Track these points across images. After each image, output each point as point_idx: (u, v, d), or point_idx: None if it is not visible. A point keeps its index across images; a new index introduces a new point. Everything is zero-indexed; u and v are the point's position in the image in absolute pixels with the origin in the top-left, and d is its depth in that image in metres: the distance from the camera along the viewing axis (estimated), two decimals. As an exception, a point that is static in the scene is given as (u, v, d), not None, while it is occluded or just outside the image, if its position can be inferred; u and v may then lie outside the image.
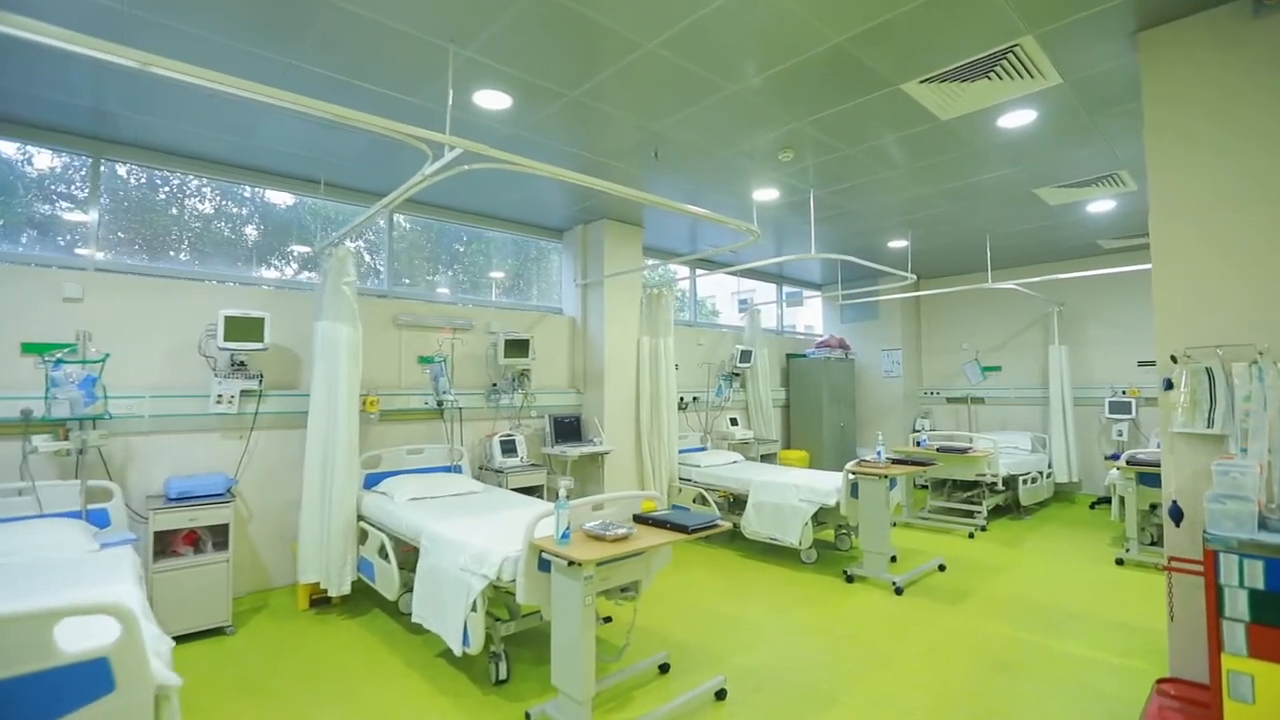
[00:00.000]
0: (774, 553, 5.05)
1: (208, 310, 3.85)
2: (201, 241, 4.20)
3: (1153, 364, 7.12)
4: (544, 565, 2.55)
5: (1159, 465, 4.93)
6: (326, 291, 3.85)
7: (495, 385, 5.12)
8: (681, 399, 6.46)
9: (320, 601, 3.92)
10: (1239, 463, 2.16)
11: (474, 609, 2.70)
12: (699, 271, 7.25)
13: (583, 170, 4.25)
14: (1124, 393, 6.94)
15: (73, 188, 3.76)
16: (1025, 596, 4.03)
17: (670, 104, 3.35)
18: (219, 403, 3.76)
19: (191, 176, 4.14)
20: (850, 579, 4.36)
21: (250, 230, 4.41)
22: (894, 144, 3.89)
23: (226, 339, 3.64)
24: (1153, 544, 5.12)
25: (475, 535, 2.95)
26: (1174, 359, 2.53)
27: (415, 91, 3.18)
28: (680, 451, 6.05)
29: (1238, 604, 2.01)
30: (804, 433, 7.66)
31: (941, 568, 4.62)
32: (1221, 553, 2.05)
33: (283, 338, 4.14)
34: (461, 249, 5.55)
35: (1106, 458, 7.09)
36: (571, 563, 2.32)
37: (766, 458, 6.89)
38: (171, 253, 4.09)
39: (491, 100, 3.28)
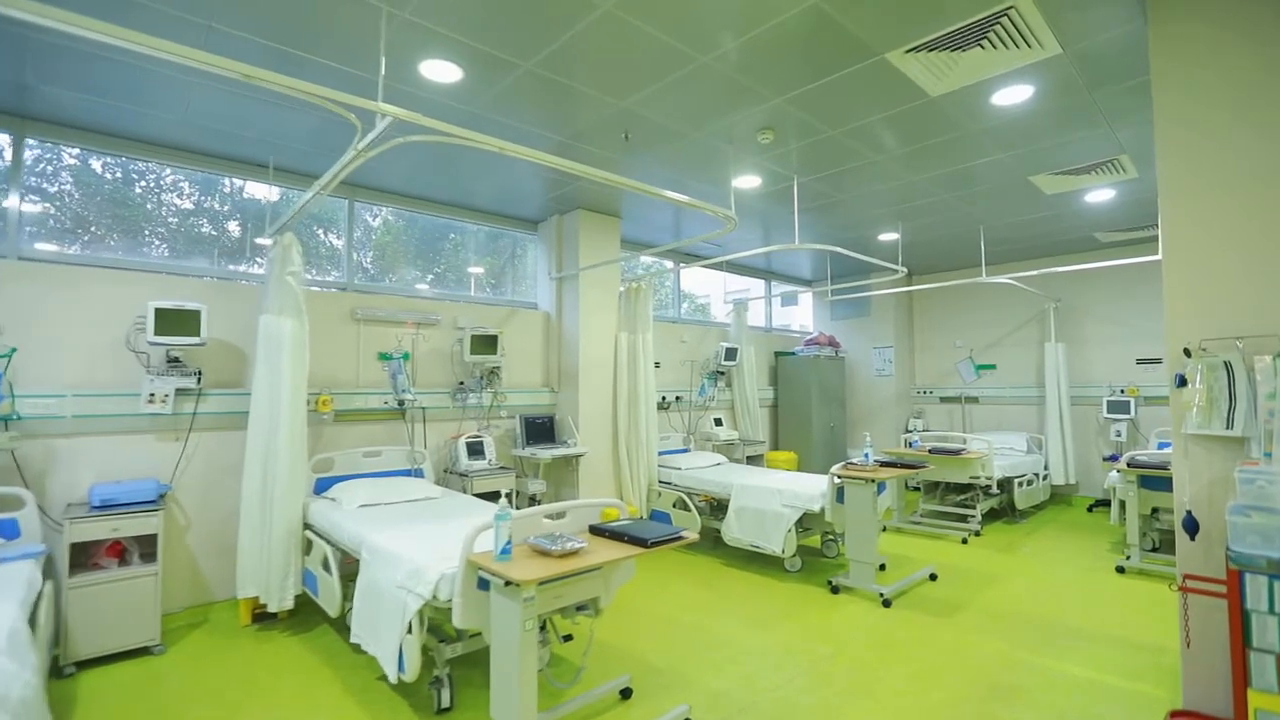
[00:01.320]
0: (756, 560, 4.79)
1: (141, 302, 3.55)
2: (150, 232, 3.91)
3: (1155, 361, 6.93)
4: (484, 584, 2.28)
5: (1162, 467, 4.72)
6: (270, 283, 3.57)
7: (462, 384, 4.84)
8: (663, 398, 6.19)
9: (266, 616, 3.64)
10: (1266, 469, 1.90)
11: (410, 631, 2.42)
12: (681, 266, 6.98)
13: (552, 154, 3.98)
14: (1122, 392, 6.70)
15: (-7, 169, 3.48)
16: (1022, 609, 3.78)
17: (636, 77, 3.07)
18: (151, 402, 3.47)
19: (126, 158, 3.85)
20: (835, 590, 4.09)
21: (208, 221, 4.12)
22: (881, 125, 3.63)
23: (157, 333, 3.35)
24: (1154, 550, 4.88)
25: (416, 548, 2.67)
26: (1187, 352, 2.27)
27: (358, 62, 2.89)
28: (661, 453, 5.78)
29: (1267, 632, 1.75)
30: (792, 433, 7.40)
31: (933, 577, 4.36)
32: (1248, 573, 1.79)
33: (225, 332, 3.85)
34: (450, 245, 5.29)
35: (1104, 459, 6.85)
36: (509, 582, 2.05)
37: (753, 459, 6.63)
38: (107, 240, 3.79)
39: (439, 72, 3.00)
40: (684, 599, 4.03)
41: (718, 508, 5.15)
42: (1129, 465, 4.62)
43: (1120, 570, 4.54)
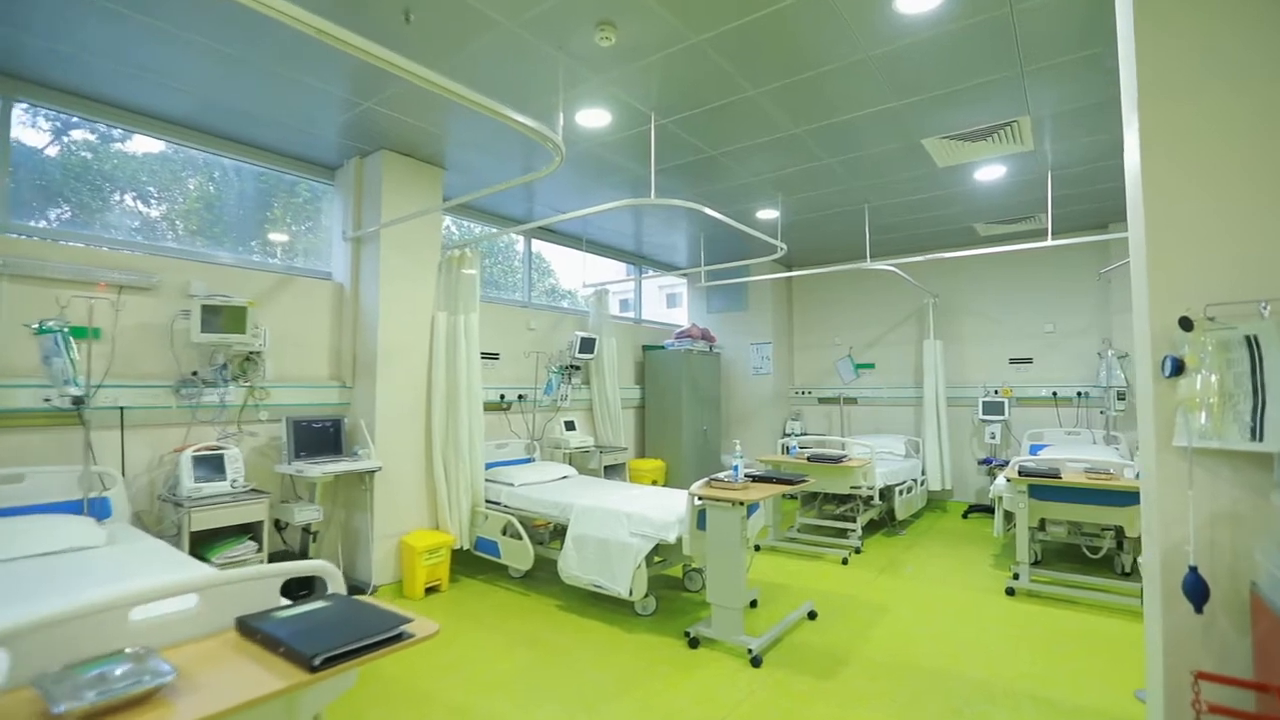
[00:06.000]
0: (600, 601, 3.78)
1: None
2: None
3: (1026, 361, 6.73)
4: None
5: (1053, 475, 4.22)
6: None
7: (195, 374, 3.45)
8: (501, 396, 5.06)
9: None
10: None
11: None
12: (509, 232, 5.89)
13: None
14: (996, 392, 6.42)
15: None
16: (914, 658, 3.03)
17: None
18: None
19: None
20: (694, 643, 3.17)
21: None
22: (757, 31, 2.74)
23: None
24: (1036, 564, 4.42)
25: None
26: (1186, 324, 1.50)
27: None
28: (495, 465, 4.66)
29: None
30: (660, 438, 6.51)
31: (812, 615, 3.56)
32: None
33: None
34: (278, 214, 3.89)
35: (979, 462, 6.57)
36: None
37: (613, 469, 5.66)
38: None
39: None
40: (494, 667, 2.93)
41: (559, 533, 4.11)
42: (1020, 474, 4.08)
43: (1010, 592, 3.99)
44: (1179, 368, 1.50)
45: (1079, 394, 6.02)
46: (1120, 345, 5.69)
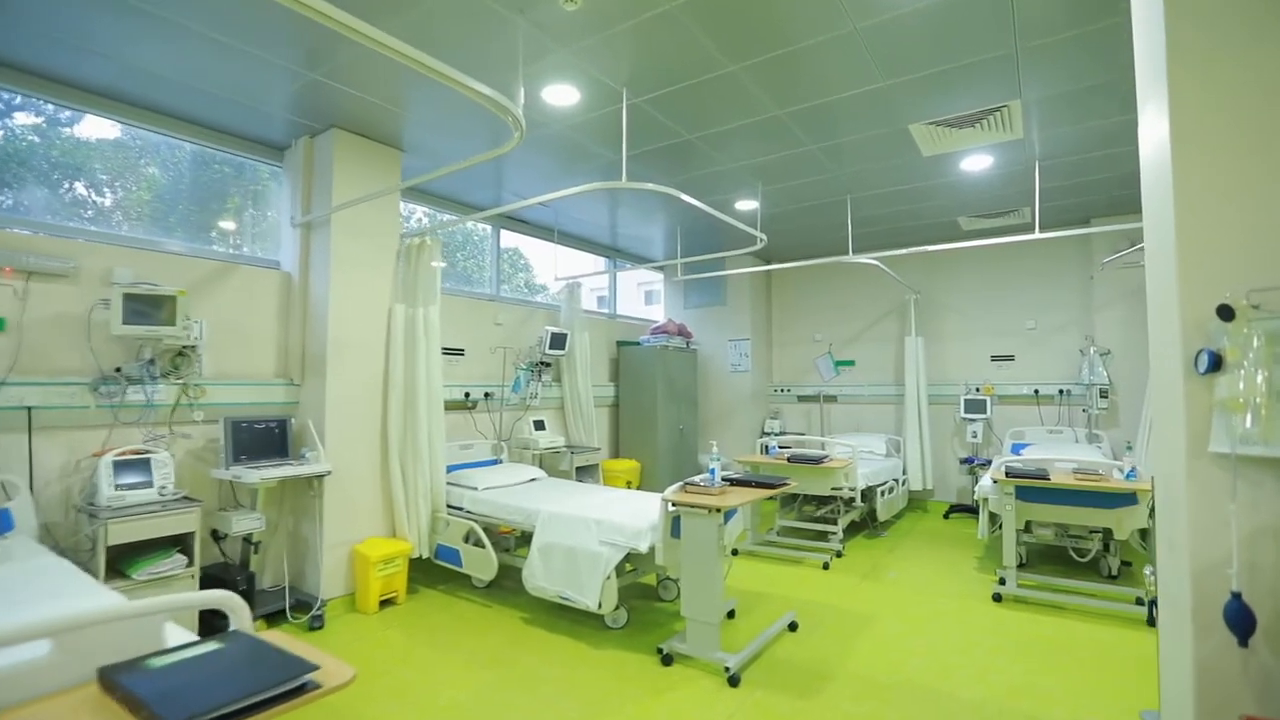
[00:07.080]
0: (569, 613, 3.54)
1: None
2: None
3: (1008, 359, 6.64)
4: None
5: (1040, 476, 4.06)
6: None
7: (119, 370, 3.13)
8: (468, 394, 4.78)
9: None
10: None
11: None
12: (464, 219, 5.61)
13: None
14: (978, 390, 6.30)
15: None
16: (902, 674, 2.84)
17: None
18: None
19: None
20: (668, 660, 2.95)
21: None
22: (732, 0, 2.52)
23: None
24: (1021, 566, 4.28)
25: None
26: (1226, 313, 1.30)
27: None
28: (458, 467, 4.39)
29: None
30: (635, 438, 6.27)
31: (793, 626, 3.37)
32: None
33: None
34: (233, 201, 3.54)
35: (961, 461, 6.46)
36: None
37: (585, 470, 5.41)
38: None
39: None
40: (451, 691, 2.68)
41: (525, 540, 3.86)
42: (1007, 474, 3.93)
43: (997, 598, 3.83)
44: (1216, 363, 1.30)
45: (1061, 392, 5.92)
46: (1103, 342, 5.60)
